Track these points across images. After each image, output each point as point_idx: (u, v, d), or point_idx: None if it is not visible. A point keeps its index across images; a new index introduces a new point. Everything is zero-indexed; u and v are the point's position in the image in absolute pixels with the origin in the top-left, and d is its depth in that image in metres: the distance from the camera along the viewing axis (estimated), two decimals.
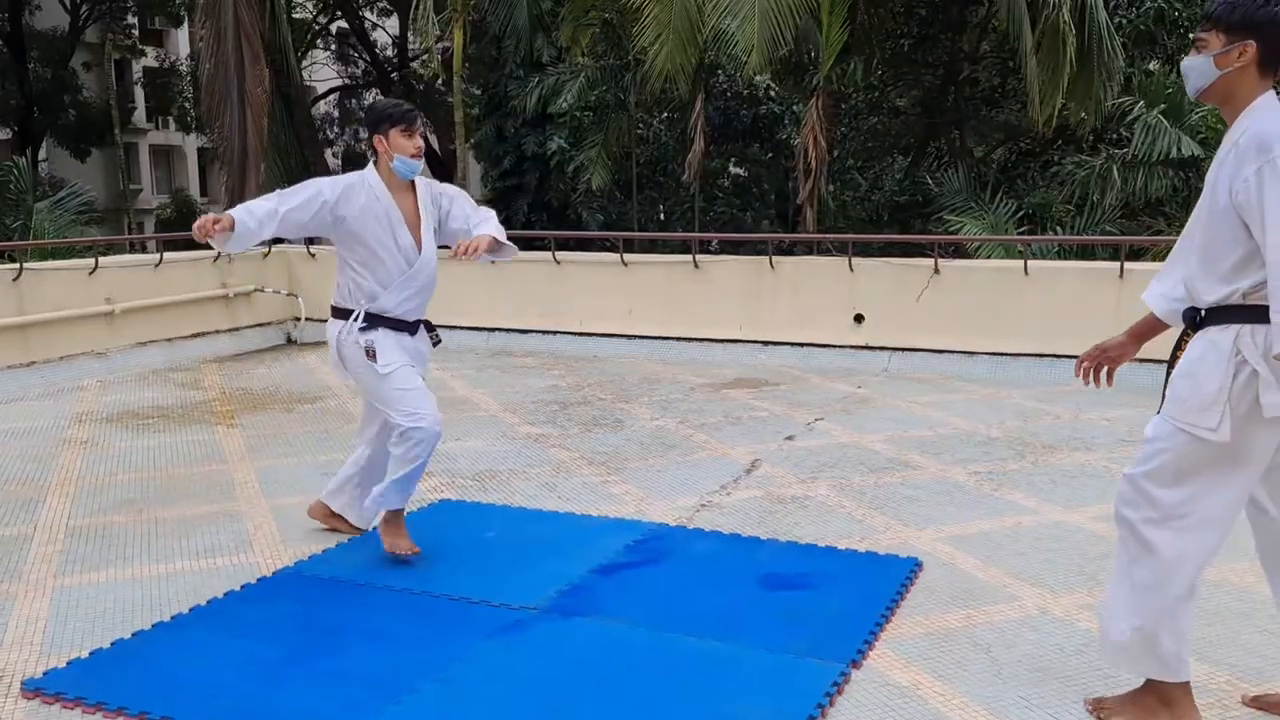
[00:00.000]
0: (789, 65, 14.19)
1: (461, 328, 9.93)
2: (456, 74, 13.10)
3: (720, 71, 15.25)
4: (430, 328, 4.50)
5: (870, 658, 3.40)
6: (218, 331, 9.73)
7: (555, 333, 9.58)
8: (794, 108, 16.01)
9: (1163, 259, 10.77)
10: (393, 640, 3.54)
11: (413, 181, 4.21)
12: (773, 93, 16.09)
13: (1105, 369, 3.32)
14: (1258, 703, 3.10)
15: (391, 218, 4.14)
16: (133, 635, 3.57)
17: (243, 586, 4.01)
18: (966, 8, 15.77)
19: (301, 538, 4.59)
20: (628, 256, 9.32)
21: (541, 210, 18.29)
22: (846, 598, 3.81)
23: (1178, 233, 11.22)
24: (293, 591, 3.97)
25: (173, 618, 3.72)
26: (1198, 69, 2.75)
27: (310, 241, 12.42)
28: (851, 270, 8.63)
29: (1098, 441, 6.13)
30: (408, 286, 4.25)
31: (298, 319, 10.43)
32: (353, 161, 33.48)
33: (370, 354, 4.12)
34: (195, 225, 3.76)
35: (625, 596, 3.87)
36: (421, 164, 4.17)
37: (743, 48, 9.79)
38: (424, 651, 3.45)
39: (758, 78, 13.53)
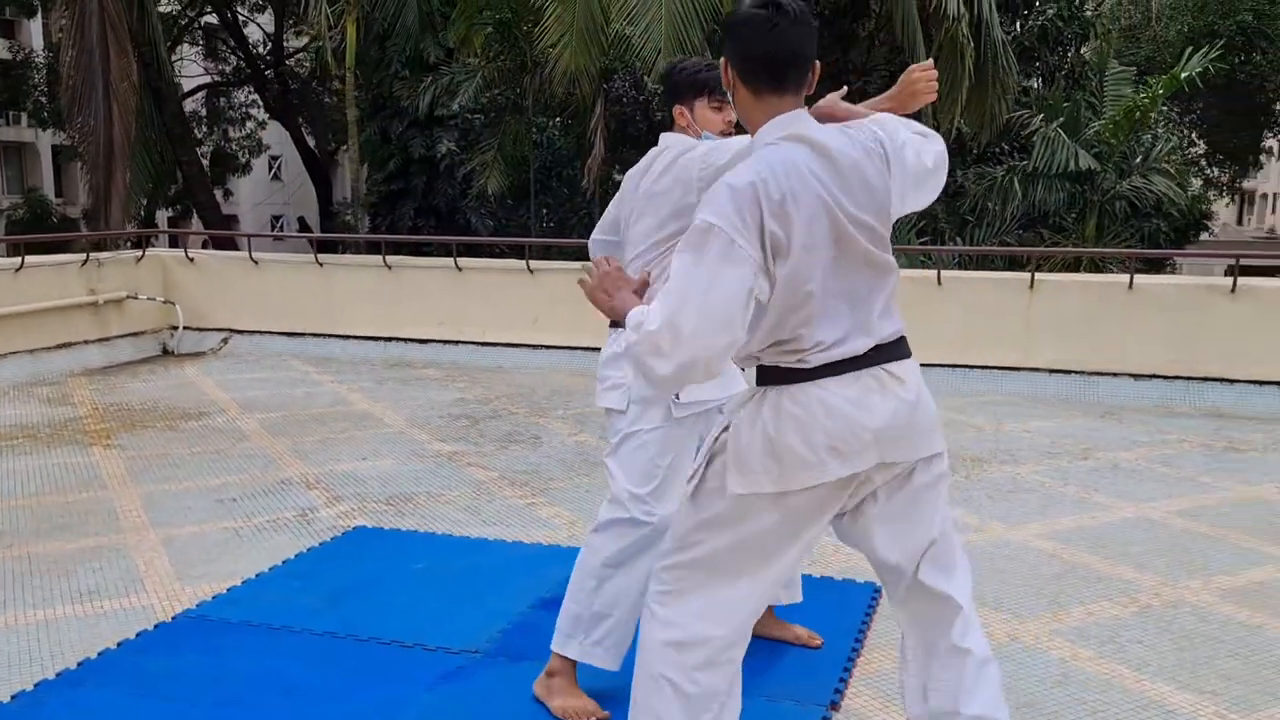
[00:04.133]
0: None
1: (354, 337, 9.45)
2: (349, 70, 12.50)
3: (616, 76, 15.02)
4: None
5: (848, 698, 3.17)
6: (86, 342, 8.99)
7: (456, 343, 9.16)
8: None
9: (1061, 270, 11.05)
10: (319, 693, 3.15)
11: None
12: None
13: None
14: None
15: None
16: (13, 698, 3.09)
17: (138, 634, 3.54)
18: (856, 21, 15.92)
19: (200, 574, 4.13)
20: (533, 263, 8.97)
21: (429, 215, 17.71)
22: (811, 630, 3.57)
23: (1074, 244, 11.44)
24: (197, 638, 3.53)
25: (59, 675, 3.24)
26: None
27: (176, 243, 11.69)
28: None
29: (1023, 454, 6.08)
30: None
31: (174, 328, 9.75)
32: (222, 162, 32.01)
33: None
34: None
35: None
36: None
37: (650, 49, 9.60)
38: (357, 706, 3.07)
39: (657, 86, 13.33)
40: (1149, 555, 4.40)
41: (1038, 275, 7.91)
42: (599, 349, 3.10)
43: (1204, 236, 25.03)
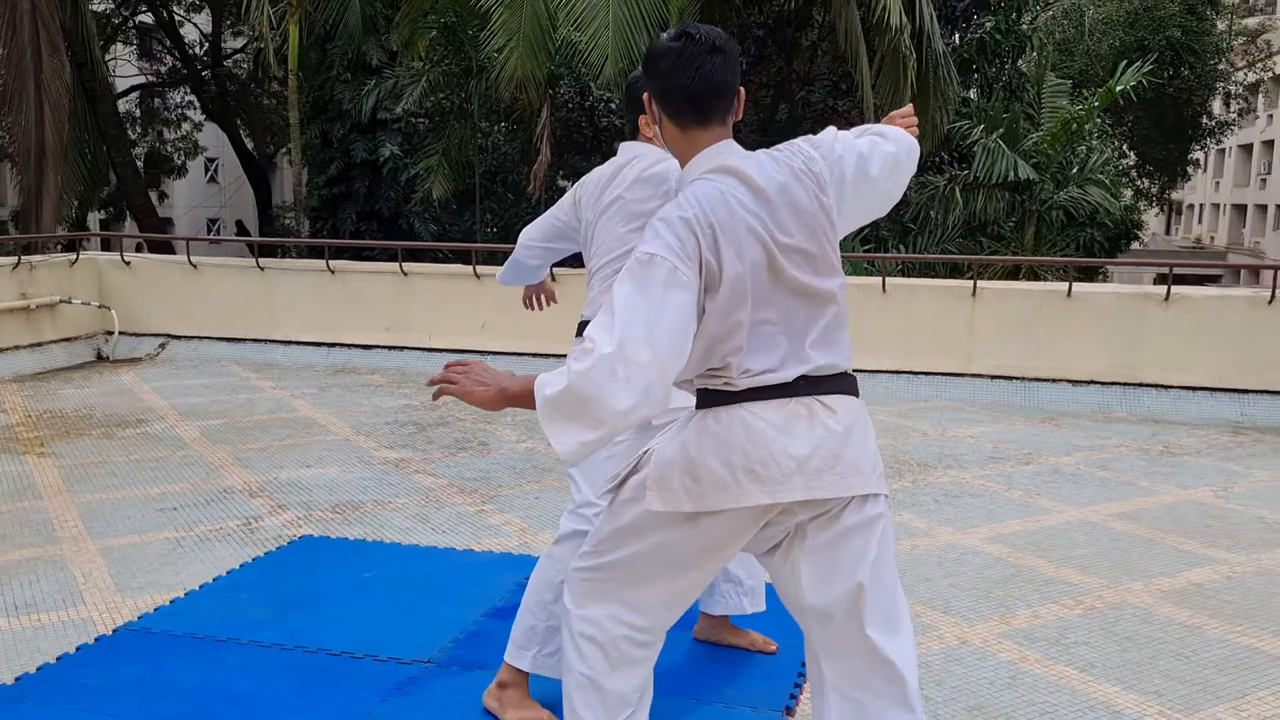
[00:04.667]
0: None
1: (296, 343, 9.31)
2: (292, 73, 12.32)
3: (562, 82, 15.00)
4: None
5: (803, 703, 3.18)
6: (17, 347, 8.73)
7: (402, 348, 9.06)
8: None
9: (1000, 278, 11.26)
10: (268, 706, 3.08)
11: None
12: (613, 105, 15.97)
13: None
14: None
15: None
16: None
17: (78, 648, 3.45)
18: (799, 30, 16.08)
19: (141, 586, 4.03)
20: (480, 269, 8.91)
21: (371, 219, 17.48)
22: (766, 636, 3.58)
23: (1013, 252, 11.61)
24: (140, 652, 3.44)
25: None
26: None
27: (109, 246, 11.43)
28: None
29: (968, 459, 6.17)
30: None
31: (110, 333, 9.52)
32: (156, 164, 31.36)
33: None
34: None
35: None
36: None
37: (597, 56, 9.60)
38: (308, 718, 3.01)
39: (603, 93, 13.34)
40: (1092, 558, 4.48)
41: (980, 283, 8.04)
42: (548, 355, 3.11)
43: (1134, 246, 25.67)
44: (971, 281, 8.02)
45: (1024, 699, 3.23)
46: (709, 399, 2.17)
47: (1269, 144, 44.07)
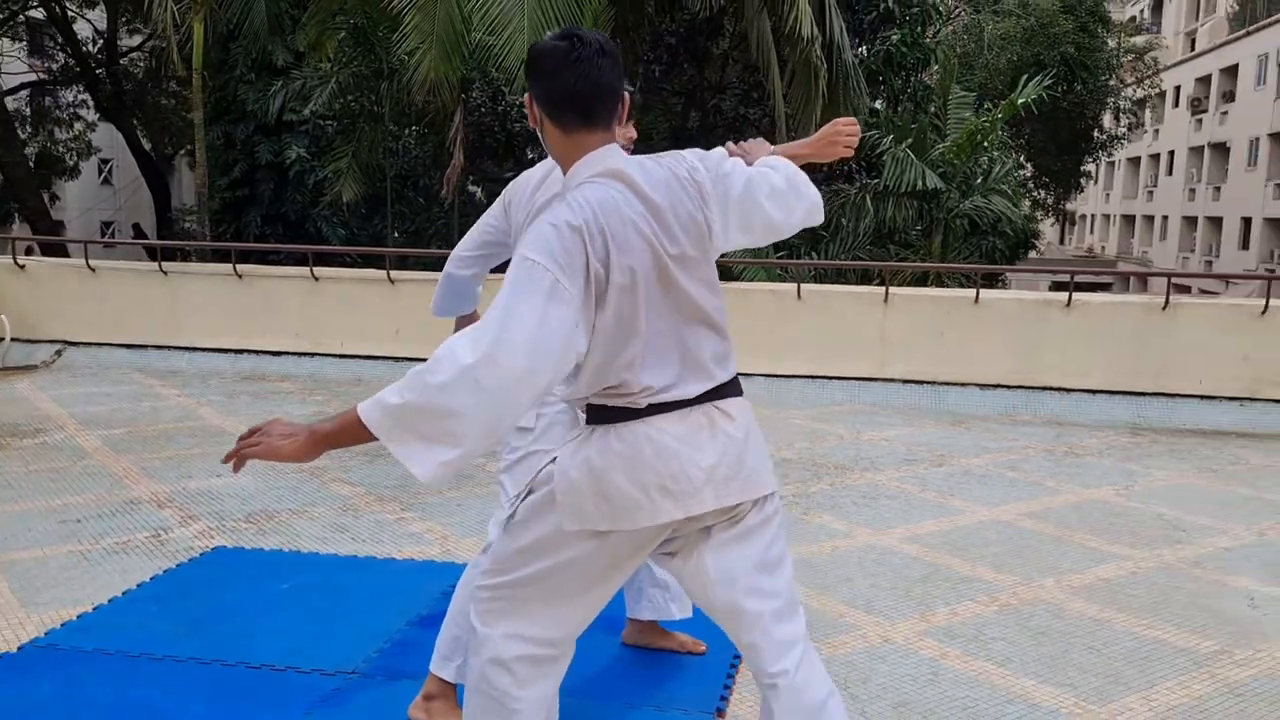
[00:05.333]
0: None
1: (202, 349, 9.06)
2: (197, 72, 12.00)
3: (474, 87, 14.89)
4: None
5: (733, 704, 3.20)
6: None
7: (313, 355, 8.88)
8: None
9: (909, 284, 11.53)
10: None
11: None
12: (526, 111, 15.96)
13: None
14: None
15: None
16: None
17: None
18: (711, 39, 16.24)
19: (46, 601, 3.87)
20: (394, 274, 8.78)
21: (277, 223, 17.12)
22: (695, 637, 3.60)
23: (921, 258, 11.86)
24: (49, 669, 3.30)
25: None
26: None
27: None
28: None
29: (883, 461, 6.30)
30: None
31: (1, 339, 9.13)
32: (47, 165, 30.17)
33: None
34: None
35: None
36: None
37: (512, 60, 9.55)
38: None
39: (516, 98, 13.27)
40: (1005, 556, 4.61)
41: (892, 290, 8.22)
42: None
43: (1032, 255, 26.55)
44: (883, 288, 8.19)
45: (946, 694, 3.30)
46: (607, 415, 2.12)
47: (1155, 158, 46.01)
